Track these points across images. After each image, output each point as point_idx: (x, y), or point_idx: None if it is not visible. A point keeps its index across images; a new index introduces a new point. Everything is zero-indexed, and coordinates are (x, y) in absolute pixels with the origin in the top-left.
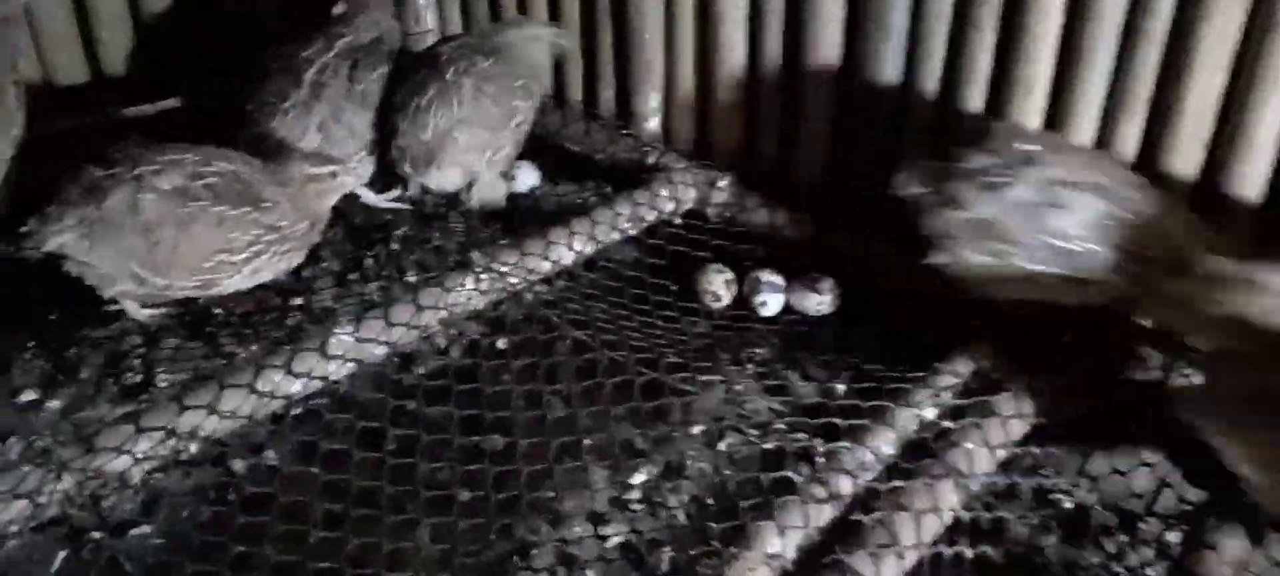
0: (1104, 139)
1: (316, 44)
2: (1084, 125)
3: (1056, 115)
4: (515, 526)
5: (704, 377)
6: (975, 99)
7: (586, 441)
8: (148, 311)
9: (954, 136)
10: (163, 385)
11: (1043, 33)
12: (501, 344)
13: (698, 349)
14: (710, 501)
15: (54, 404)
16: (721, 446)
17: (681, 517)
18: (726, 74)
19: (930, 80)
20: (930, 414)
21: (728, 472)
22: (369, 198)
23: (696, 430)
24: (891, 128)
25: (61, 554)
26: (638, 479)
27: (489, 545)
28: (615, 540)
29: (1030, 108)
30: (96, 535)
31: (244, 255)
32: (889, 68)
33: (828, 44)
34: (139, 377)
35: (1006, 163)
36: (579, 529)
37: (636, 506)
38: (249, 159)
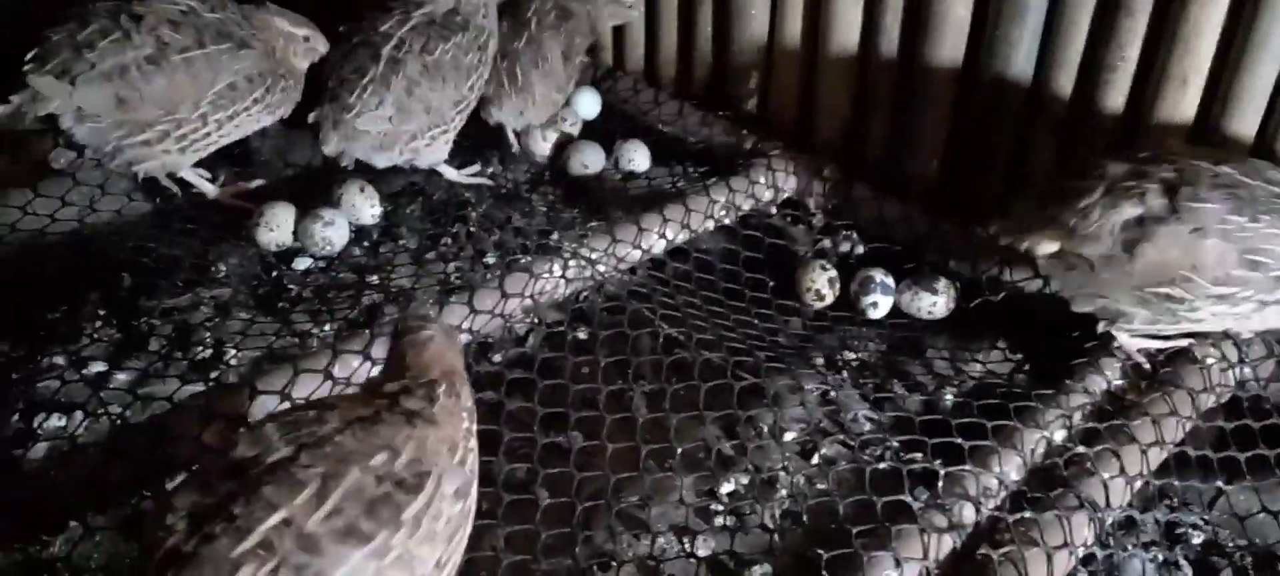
0: (1265, 136)
1: (393, 17)
2: (1244, 122)
3: (1211, 111)
4: (596, 535)
5: (797, 382)
6: (1117, 94)
7: (666, 444)
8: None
9: (1090, 135)
10: (232, 361)
11: (1206, 22)
12: (582, 334)
13: (791, 349)
14: (805, 518)
15: (122, 377)
16: (815, 458)
17: (775, 534)
18: (836, 53)
19: (1067, 70)
20: (1059, 436)
21: (822, 486)
22: (450, 173)
23: (789, 437)
24: (1021, 120)
25: None
26: (726, 488)
27: (571, 555)
28: (702, 553)
29: (1184, 103)
30: None
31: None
32: (1021, 53)
33: (953, 24)
34: (208, 352)
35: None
36: (664, 541)
37: (724, 519)
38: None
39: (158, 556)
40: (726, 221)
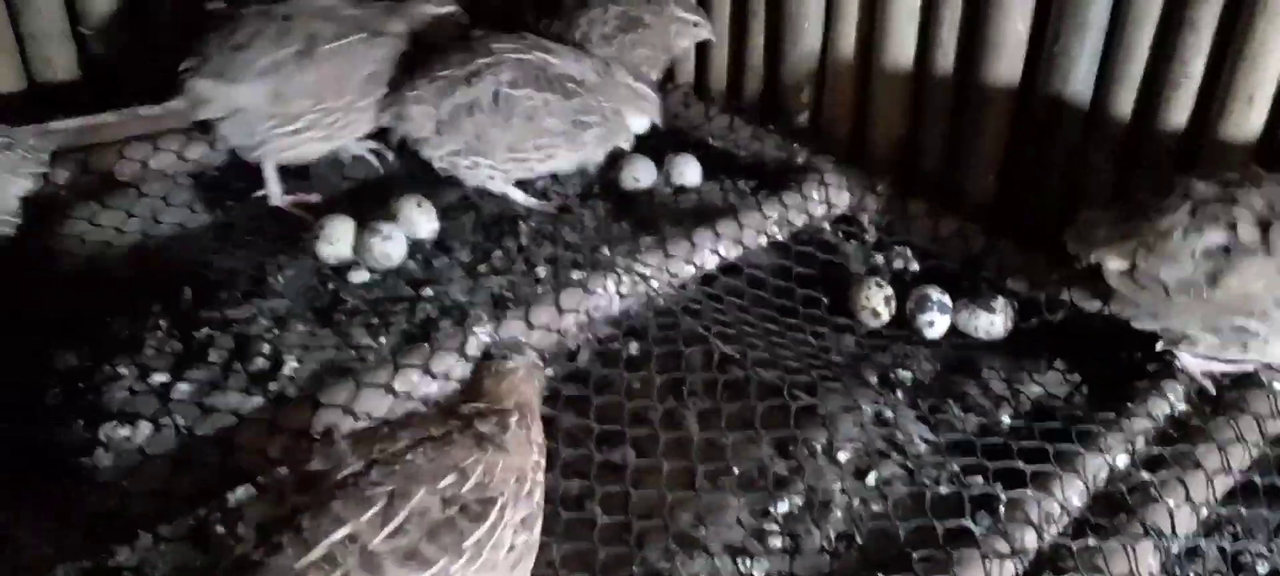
0: None
1: (522, 43)
2: None
3: (1278, 132)
4: (650, 554)
5: (852, 401)
6: (1180, 112)
7: (720, 463)
8: None
9: (1151, 154)
10: (289, 374)
11: (1273, 38)
12: (634, 350)
13: (845, 368)
14: (861, 540)
15: (184, 387)
16: (871, 479)
17: (827, 557)
18: (891, 67)
19: (1128, 87)
20: (1122, 461)
21: (878, 509)
22: (514, 194)
23: (844, 458)
24: (1080, 138)
25: None
26: (780, 509)
27: (628, 574)
28: (758, 574)
29: (1249, 122)
30: None
31: None
32: (1081, 70)
33: (1012, 39)
34: (267, 364)
35: None
36: (719, 562)
37: (778, 540)
38: None
39: (226, 564)
40: (779, 238)
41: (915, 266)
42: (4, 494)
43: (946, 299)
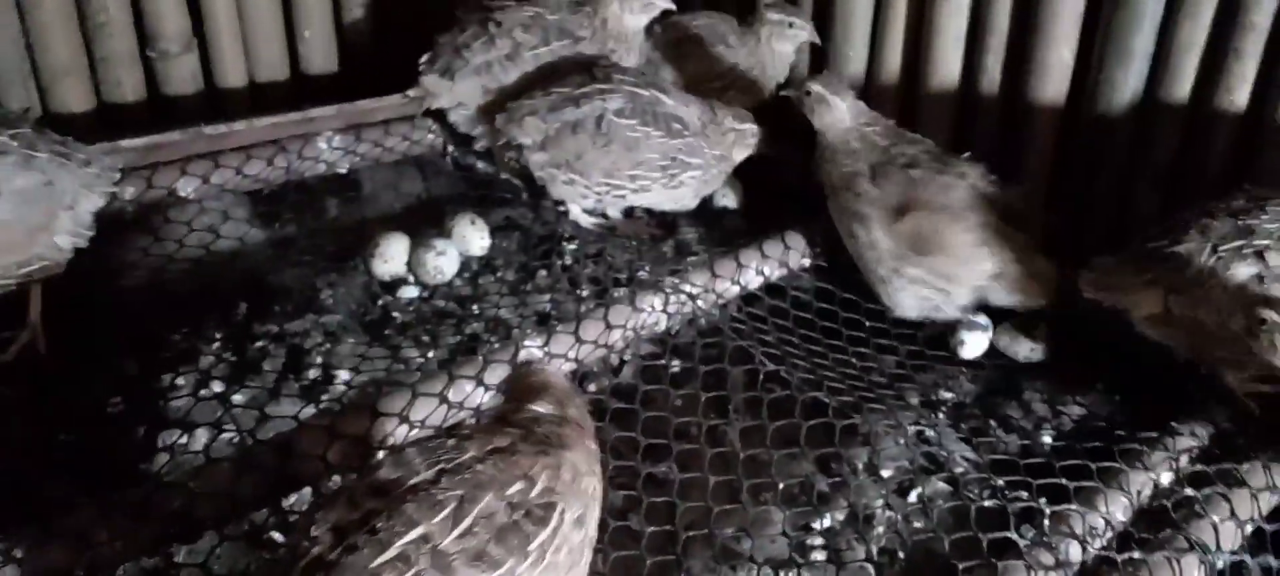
0: None
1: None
2: None
3: None
4: (694, 565)
5: (894, 420)
6: (1223, 140)
7: (763, 478)
8: None
9: (1195, 180)
10: (341, 386)
11: None
12: (675, 367)
13: (885, 387)
14: (901, 555)
15: (238, 398)
16: (912, 496)
17: (870, 570)
18: (936, 91)
19: (1173, 115)
20: (1166, 479)
21: (919, 525)
22: (577, 215)
23: (885, 474)
24: (1124, 164)
25: None
26: (822, 523)
27: None
28: None
29: None
30: None
31: None
32: (1125, 96)
33: (1057, 66)
34: (319, 376)
35: None
36: (762, 574)
37: (820, 554)
38: None
39: (303, 564)
40: (821, 261)
41: None
42: (78, 494)
43: (982, 319)
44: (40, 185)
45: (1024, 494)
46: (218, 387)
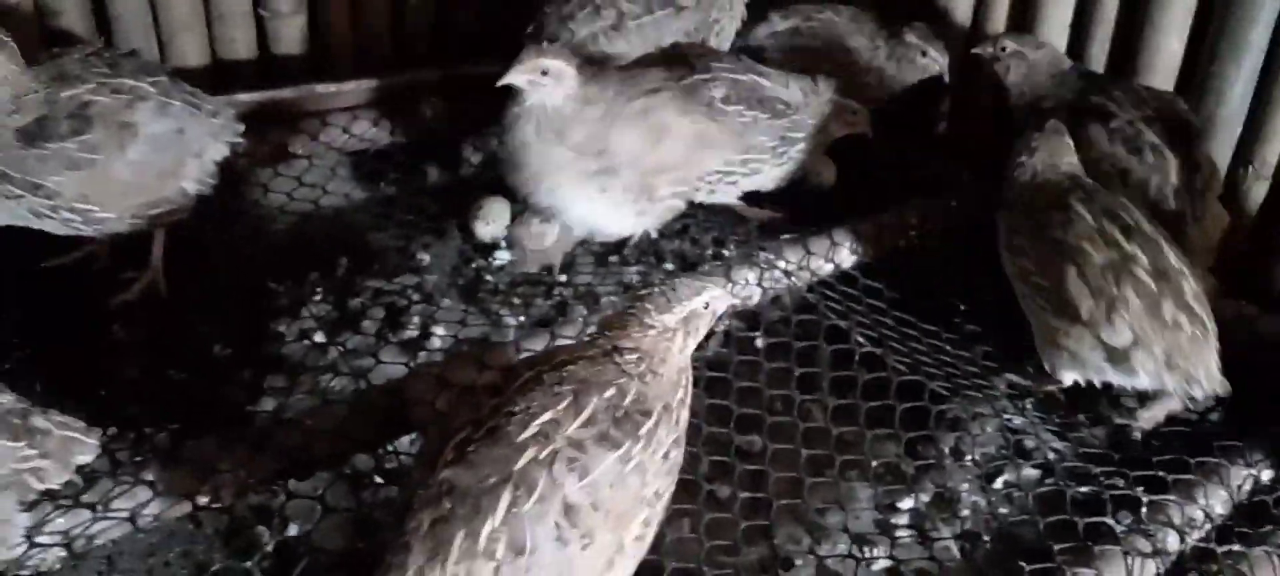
0: None
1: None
2: None
3: None
4: (780, 534)
5: (983, 407)
6: None
7: (848, 456)
8: None
9: None
10: (437, 344)
11: None
12: (759, 342)
13: (978, 374)
14: (986, 538)
15: (335, 351)
16: (999, 482)
17: (954, 550)
18: None
19: None
20: (1267, 476)
21: (1005, 511)
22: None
23: (969, 460)
24: (1233, 161)
25: None
26: (908, 503)
27: (768, 546)
28: (885, 563)
29: None
30: None
31: None
32: (1237, 91)
33: (1165, 56)
34: (417, 333)
35: None
36: (844, 546)
37: (905, 533)
38: None
39: (454, 442)
40: (915, 241)
41: None
42: (193, 431)
43: None
44: (173, 132)
45: (1119, 482)
46: (320, 338)
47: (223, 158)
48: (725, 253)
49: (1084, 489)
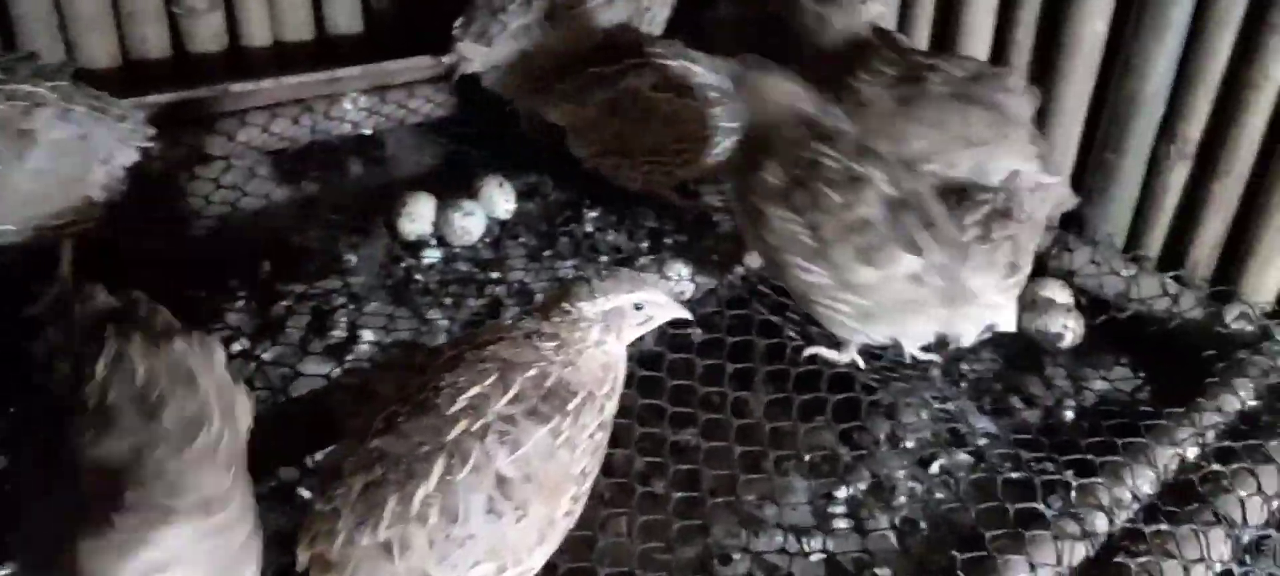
0: None
1: None
2: None
3: None
4: (717, 530)
5: (915, 393)
6: (1258, 116)
7: (783, 450)
8: None
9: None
10: (365, 348)
11: None
12: (700, 337)
13: (908, 361)
14: (923, 525)
15: (265, 356)
16: (933, 467)
17: (892, 539)
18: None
19: (1206, 91)
20: (1192, 454)
21: (941, 496)
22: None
23: (907, 446)
24: (1155, 142)
25: None
26: (844, 493)
27: (701, 544)
28: (819, 554)
29: None
30: None
31: None
32: (1159, 71)
33: (1089, 39)
34: (344, 336)
35: None
36: (781, 539)
37: (842, 522)
38: None
39: (382, 415)
40: None
41: None
42: None
43: None
44: (76, 137)
45: (1049, 466)
46: (244, 345)
47: (133, 163)
48: (666, 242)
49: (1016, 474)
